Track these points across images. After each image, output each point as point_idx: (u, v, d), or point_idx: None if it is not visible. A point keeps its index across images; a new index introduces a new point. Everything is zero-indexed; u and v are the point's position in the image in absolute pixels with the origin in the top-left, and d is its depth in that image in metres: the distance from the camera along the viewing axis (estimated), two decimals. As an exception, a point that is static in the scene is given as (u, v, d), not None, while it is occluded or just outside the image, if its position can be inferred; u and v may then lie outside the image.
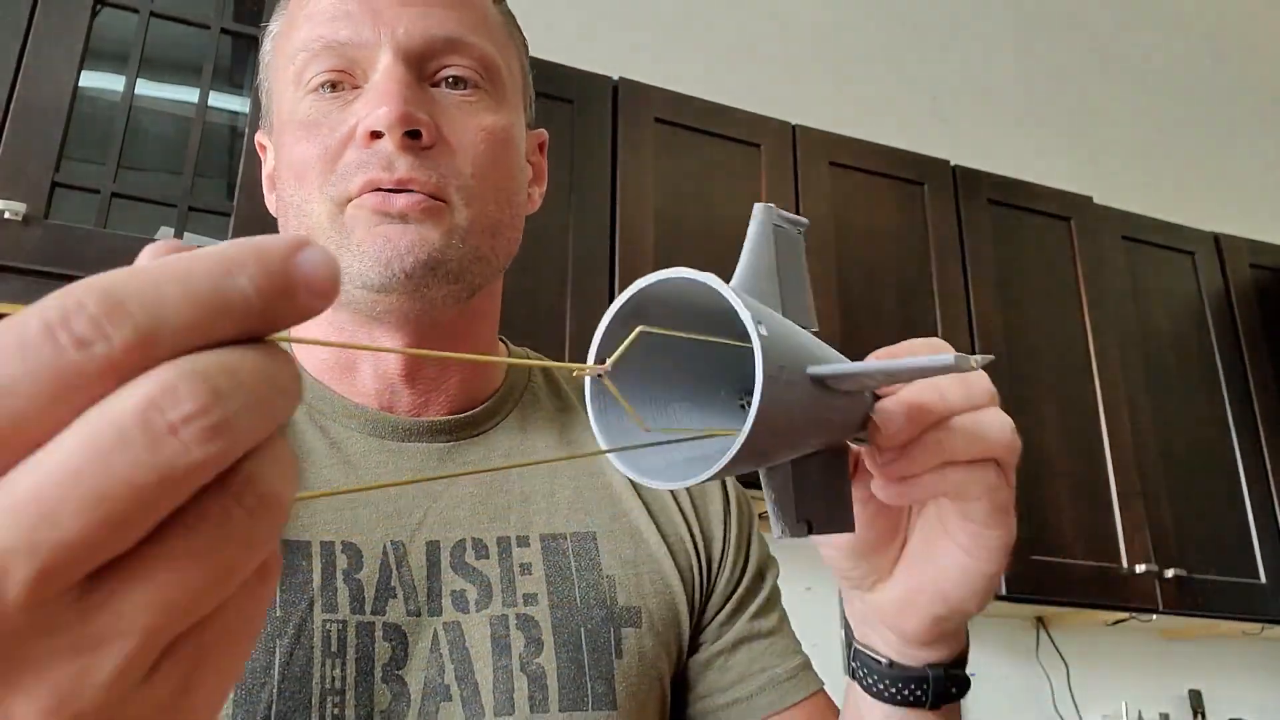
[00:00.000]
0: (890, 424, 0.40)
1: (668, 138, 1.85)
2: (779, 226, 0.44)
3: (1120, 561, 1.96)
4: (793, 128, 1.97)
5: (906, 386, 0.41)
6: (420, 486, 0.61)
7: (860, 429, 0.41)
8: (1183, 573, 1.99)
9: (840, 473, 0.44)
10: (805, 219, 0.46)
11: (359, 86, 0.59)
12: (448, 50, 0.60)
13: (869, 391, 0.40)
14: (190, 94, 1.53)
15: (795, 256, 0.45)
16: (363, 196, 0.56)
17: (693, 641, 0.65)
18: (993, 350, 2.00)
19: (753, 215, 0.44)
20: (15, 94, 1.37)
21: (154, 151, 1.50)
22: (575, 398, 0.72)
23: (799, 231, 0.46)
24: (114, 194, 1.41)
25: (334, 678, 0.53)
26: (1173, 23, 3.07)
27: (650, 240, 1.76)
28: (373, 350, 0.60)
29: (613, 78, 1.84)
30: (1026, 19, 2.83)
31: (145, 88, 1.50)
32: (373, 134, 0.56)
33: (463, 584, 0.58)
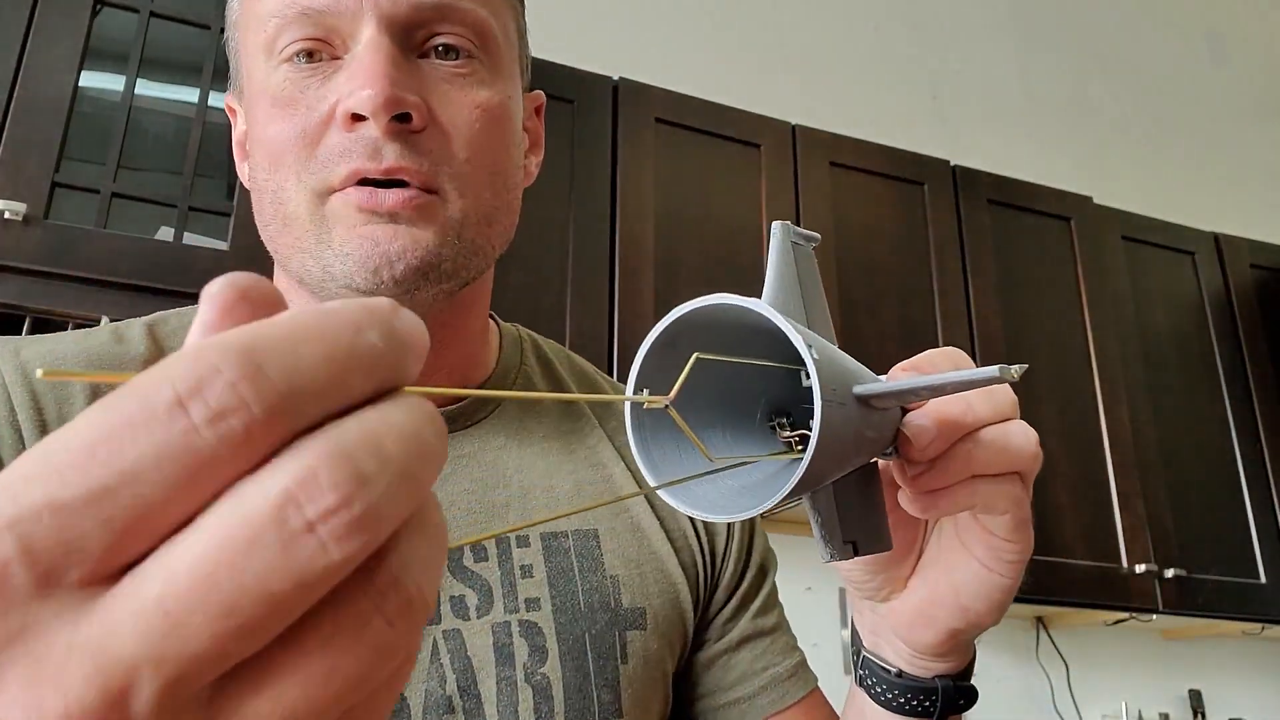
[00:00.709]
0: (922, 437, 0.39)
1: (668, 138, 1.85)
2: (796, 244, 0.43)
3: (1120, 561, 1.96)
4: (793, 128, 1.97)
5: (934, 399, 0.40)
6: None
7: (891, 444, 0.40)
8: (1183, 573, 1.99)
9: (875, 489, 0.43)
10: (817, 234, 0.46)
11: (338, 57, 0.53)
12: (437, 18, 0.54)
13: (899, 406, 0.40)
14: (190, 94, 1.53)
15: (812, 272, 0.44)
16: (347, 190, 0.52)
17: (696, 637, 0.64)
18: (993, 350, 2.00)
19: (771, 234, 0.43)
20: (15, 94, 1.37)
21: (154, 151, 1.50)
22: (571, 381, 0.69)
23: (812, 247, 0.45)
24: (114, 194, 1.41)
25: None
26: (1173, 23, 3.07)
27: (650, 240, 1.76)
28: (428, 391, 0.56)
29: (613, 78, 1.84)
30: (1026, 19, 2.83)
31: (145, 88, 1.50)
32: (355, 117, 0.51)
33: (461, 589, 0.55)
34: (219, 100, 1.57)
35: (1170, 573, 1.98)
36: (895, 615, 0.47)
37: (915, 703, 0.49)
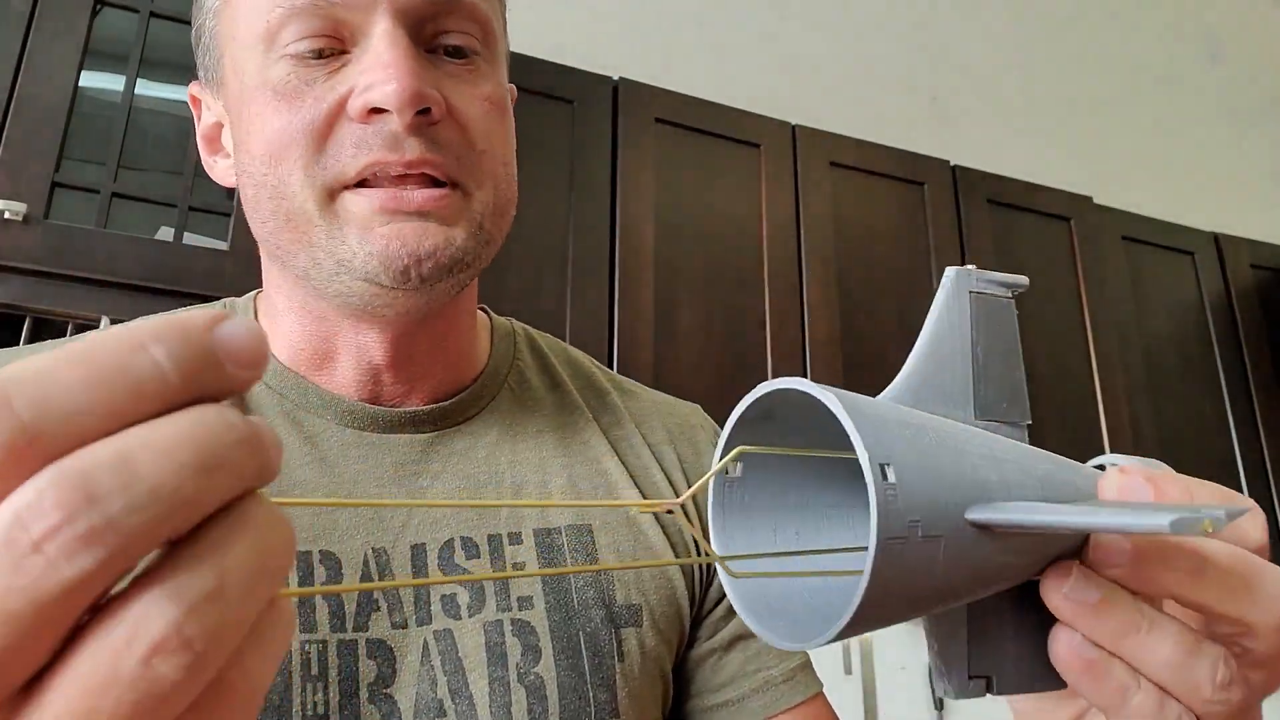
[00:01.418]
0: (1109, 558, 0.31)
1: (668, 138, 1.85)
2: (980, 294, 0.36)
3: (1120, 561, 1.95)
4: (793, 128, 1.96)
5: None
6: (403, 484, 0.57)
7: (1076, 553, 0.32)
8: (1183, 573, 1.99)
9: (1037, 614, 0.33)
10: (1023, 279, 0.36)
11: (346, 51, 0.52)
12: (446, 10, 0.53)
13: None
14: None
15: (1003, 330, 0.36)
16: (362, 190, 0.51)
17: (691, 633, 0.63)
18: (993, 350, 2.00)
19: (942, 281, 0.36)
20: (15, 94, 1.37)
21: (154, 151, 1.50)
22: (565, 374, 0.68)
23: (1009, 296, 0.36)
24: (114, 194, 1.41)
25: (315, 703, 0.49)
26: (1172, 23, 3.07)
27: (650, 240, 1.76)
28: (508, 507, 0.54)
29: (613, 78, 1.84)
30: (1026, 19, 2.83)
31: (145, 88, 1.49)
32: (374, 110, 0.50)
33: (453, 587, 0.55)
34: (219, 100, 1.57)
35: (1170, 573, 1.98)
36: None
37: None
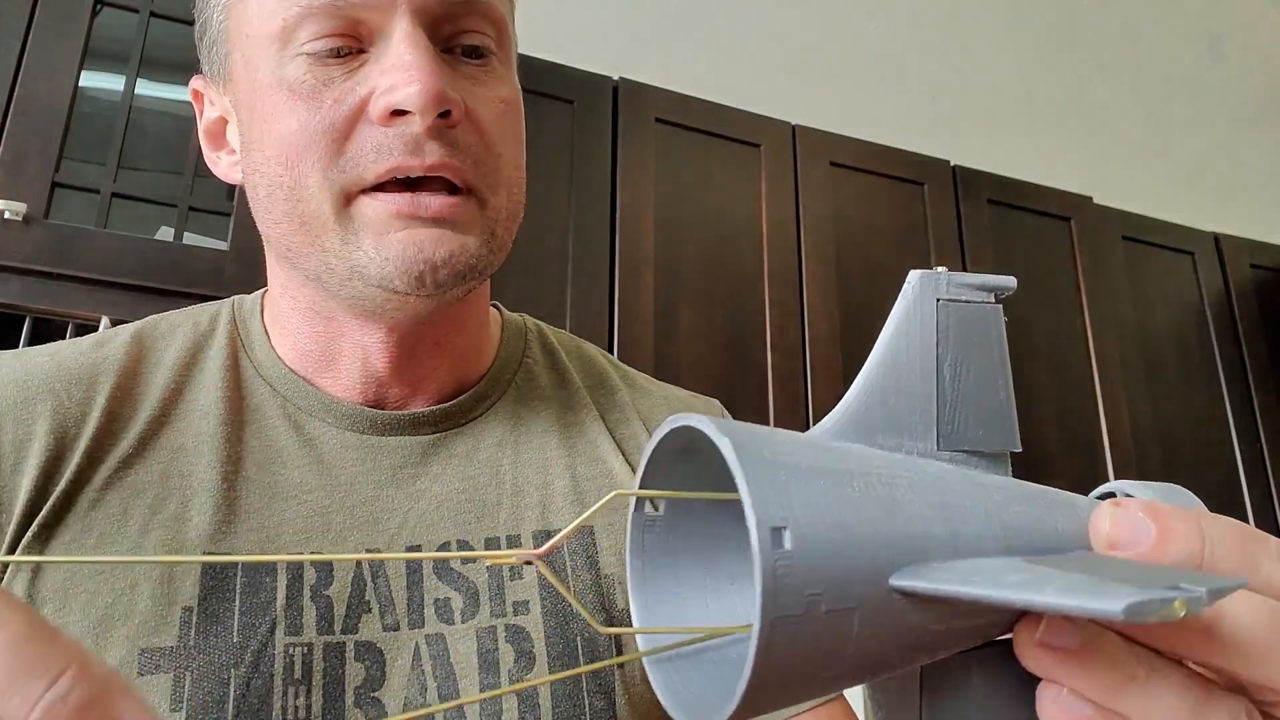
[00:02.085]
0: (1059, 637, 0.25)
1: (668, 138, 1.85)
2: (951, 301, 0.30)
3: (1120, 561, 1.95)
4: (793, 128, 1.96)
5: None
6: (401, 487, 0.56)
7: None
8: (1183, 573, 1.99)
9: (1010, 675, 0.27)
10: (1009, 281, 0.30)
11: (364, 50, 0.51)
12: (464, 11, 0.53)
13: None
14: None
15: (983, 343, 0.30)
16: (380, 195, 0.50)
17: None
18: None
19: (903, 288, 0.29)
20: (15, 94, 1.37)
21: (154, 151, 1.50)
22: (576, 370, 0.67)
23: (993, 302, 0.30)
24: (114, 194, 1.41)
25: (296, 707, 0.48)
26: (1173, 23, 3.07)
27: (650, 240, 1.76)
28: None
29: (613, 78, 1.84)
30: (1027, 19, 2.83)
31: (145, 88, 1.49)
32: (397, 112, 0.49)
33: (447, 591, 0.53)
34: (219, 100, 1.57)
35: (1170, 573, 1.98)
36: None
37: None
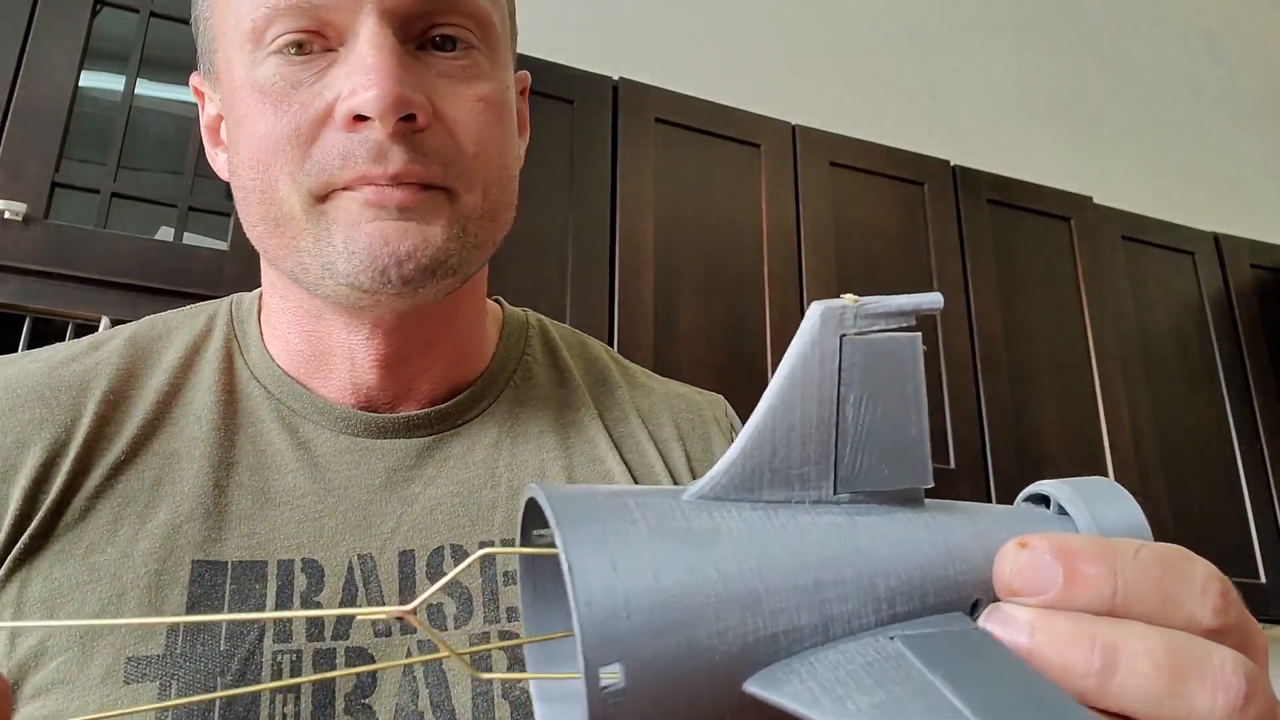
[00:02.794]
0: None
1: (668, 138, 1.85)
2: (858, 335, 0.26)
3: (1120, 561, 1.95)
4: (793, 128, 1.96)
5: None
6: (395, 491, 0.55)
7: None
8: (1183, 573, 1.98)
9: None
10: (935, 299, 0.27)
11: (333, 49, 0.50)
12: (439, 9, 0.51)
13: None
14: (190, 94, 1.53)
15: (894, 377, 0.27)
16: (359, 188, 0.50)
17: None
18: (993, 350, 2.00)
19: (802, 323, 0.26)
20: (15, 94, 1.37)
21: (154, 151, 1.50)
22: (576, 367, 0.66)
23: (909, 327, 0.27)
24: (114, 194, 1.41)
25: (284, 714, 0.47)
26: (1172, 23, 3.07)
27: (650, 240, 1.76)
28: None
29: (613, 78, 1.84)
30: (1026, 19, 2.83)
31: (145, 88, 1.49)
32: (358, 118, 0.48)
33: (439, 596, 0.53)
34: (219, 100, 1.57)
35: (1170, 573, 1.98)
36: None
37: None
